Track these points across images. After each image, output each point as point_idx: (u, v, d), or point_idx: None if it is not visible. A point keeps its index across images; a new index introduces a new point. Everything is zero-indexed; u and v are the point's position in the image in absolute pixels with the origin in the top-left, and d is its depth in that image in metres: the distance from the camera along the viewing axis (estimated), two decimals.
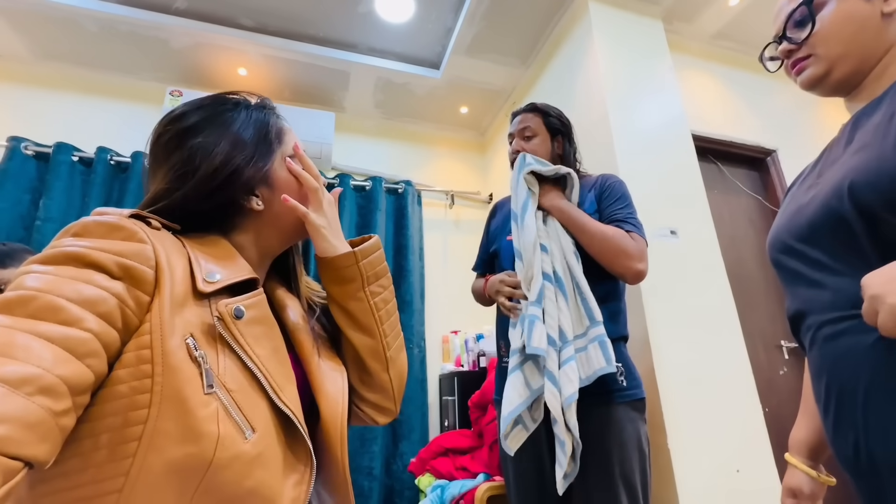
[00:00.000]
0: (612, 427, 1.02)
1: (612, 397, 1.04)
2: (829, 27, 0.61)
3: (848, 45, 0.60)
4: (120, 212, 0.46)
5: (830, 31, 0.61)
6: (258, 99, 0.61)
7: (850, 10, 0.60)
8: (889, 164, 0.49)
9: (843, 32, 0.61)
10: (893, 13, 0.59)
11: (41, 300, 0.37)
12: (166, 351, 0.41)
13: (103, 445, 0.38)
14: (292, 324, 0.59)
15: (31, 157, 2.00)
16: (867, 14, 0.59)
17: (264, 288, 0.62)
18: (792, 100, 2.53)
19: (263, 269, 0.61)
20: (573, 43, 2.03)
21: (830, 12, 0.61)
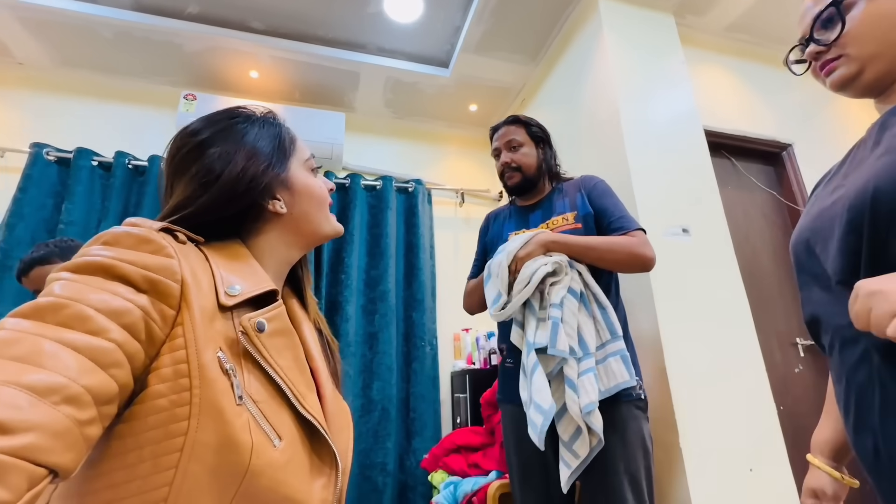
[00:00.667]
0: (617, 425, 1.04)
1: (616, 396, 1.05)
2: (861, 26, 0.59)
3: (880, 43, 0.59)
4: (151, 224, 0.48)
5: (862, 31, 0.59)
6: (265, 111, 0.64)
7: (882, 8, 0.58)
8: None
9: (875, 31, 0.59)
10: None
11: (71, 309, 0.38)
12: (202, 364, 0.43)
13: (147, 457, 0.40)
14: (307, 340, 0.61)
15: (53, 162, 2.06)
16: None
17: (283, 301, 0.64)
18: (808, 93, 2.47)
19: (281, 278, 0.63)
20: (583, 39, 2.02)
21: (861, 11, 0.59)
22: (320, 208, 0.64)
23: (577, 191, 1.29)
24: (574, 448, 0.98)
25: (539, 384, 1.00)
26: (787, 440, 1.48)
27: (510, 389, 1.18)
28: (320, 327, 0.67)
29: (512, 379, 1.18)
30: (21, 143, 2.05)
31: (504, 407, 1.24)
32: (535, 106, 2.48)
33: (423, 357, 2.27)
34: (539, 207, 1.34)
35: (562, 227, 1.23)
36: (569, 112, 2.12)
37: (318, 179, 0.66)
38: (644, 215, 1.59)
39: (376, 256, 2.38)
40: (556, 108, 2.26)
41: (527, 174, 1.33)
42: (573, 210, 1.25)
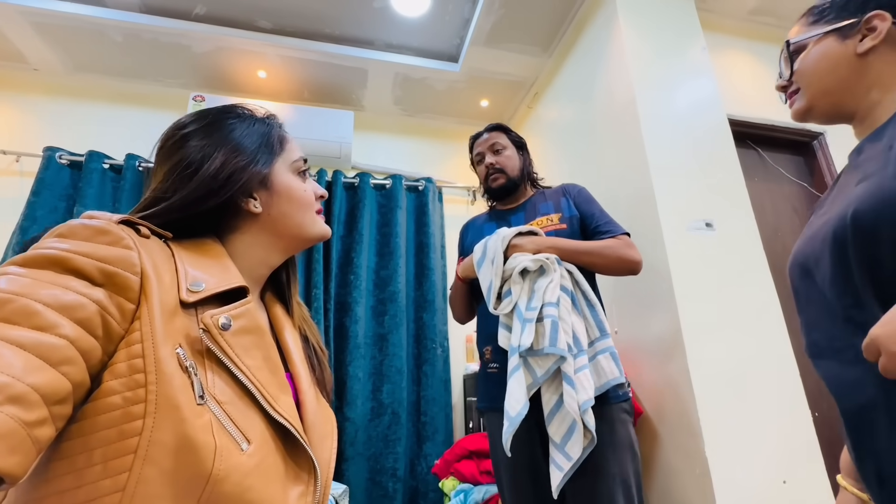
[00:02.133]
0: (605, 428, 1.02)
1: (605, 398, 1.04)
2: (807, 66, 0.68)
3: (824, 81, 0.67)
4: (109, 216, 0.45)
5: (807, 70, 0.68)
6: (264, 112, 0.63)
7: (824, 50, 0.66)
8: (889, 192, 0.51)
9: (818, 71, 0.67)
10: (868, 52, 0.63)
11: (15, 304, 0.35)
12: (159, 359, 0.40)
13: (98, 461, 0.37)
14: (287, 345, 0.58)
15: (66, 165, 2.08)
16: (840, 53, 0.65)
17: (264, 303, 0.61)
18: None
19: (259, 280, 0.60)
20: (597, 27, 1.93)
21: (808, 53, 0.68)
22: (301, 210, 0.61)
23: (560, 195, 1.31)
24: (566, 450, 0.95)
25: (512, 388, 0.98)
26: (824, 450, 1.37)
27: (496, 396, 1.14)
28: (306, 334, 0.64)
29: (497, 385, 1.14)
30: (36, 147, 2.08)
31: (490, 415, 1.19)
32: (549, 99, 2.40)
33: (434, 360, 2.22)
34: (521, 210, 1.34)
35: (547, 227, 1.23)
36: (584, 104, 2.03)
37: (307, 183, 0.63)
38: (664, 210, 1.50)
39: (386, 256, 2.33)
40: (570, 100, 2.18)
41: (511, 176, 1.34)
42: (558, 212, 1.27)
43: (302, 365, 0.58)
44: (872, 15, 0.63)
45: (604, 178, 1.81)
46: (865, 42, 0.63)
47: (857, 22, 0.64)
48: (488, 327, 1.20)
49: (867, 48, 0.63)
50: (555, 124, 2.31)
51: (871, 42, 0.62)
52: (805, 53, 0.68)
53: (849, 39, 0.64)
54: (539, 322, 1.00)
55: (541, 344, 0.98)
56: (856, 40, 0.64)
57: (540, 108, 2.49)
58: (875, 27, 0.62)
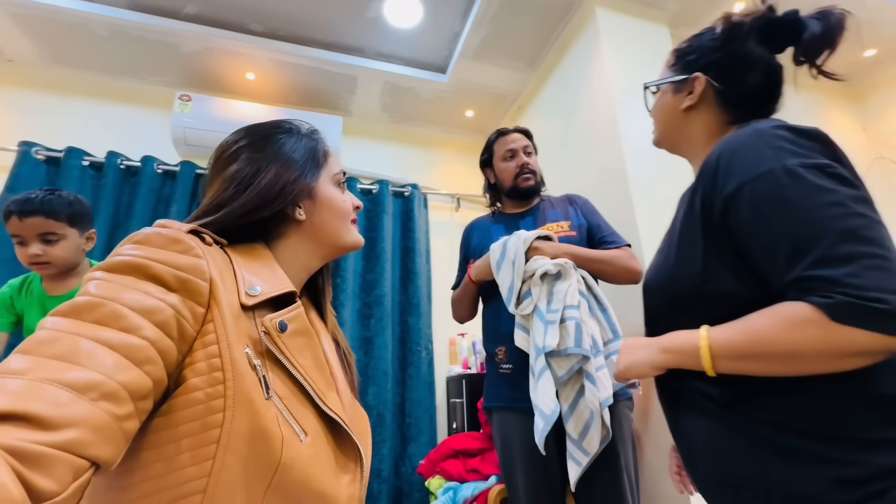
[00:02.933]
0: (614, 423, 1.08)
1: (615, 396, 1.10)
2: (654, 110, 0.80)
3: (663, 127, 0.78)
4: (180, 226, 0.50)
5: (654, 113, 0.80)
6: (309, 127, 0.68)
7: (663, 100, 0.76)
8: (667, 269, 0.66)
9: (659, 117, 0.78)
10: (690, 109, 0.71)
11: (106, 308, 0.39)
12: (234, 358, 0.44)
13: (185, 449, 0.41)
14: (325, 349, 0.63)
15: (42, 161, 2.01)
16: (672, 106, 0.74)
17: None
18: (799, 104, 2.54)
19: (300, 284, 0.65)
20: (580, 47, 2.05)
21: (657, 97, 0.79)
22: (340, 220, 0.66)
23: (567, 204, 1.37)
24: (584, 445, 1.00)
25: (544, 388, 1.01)
26: None
27: (510, 396, 1.18)
28: (337, 339, 0.69)
29: (510, 385, 1.18)
30: (10, 141, 2.00)
31: (504, 414, 1.21)
32: (532, 113, 2.50)
33: (418, 362, 2.26)
34: (530, 215, 1.38)
35: (558, 233, 1.28)
36: (566, 119, 2.14)
37: (345, 195, 0.68)
38: (643, 222, 1.61)
39: (372, 260, 2.37)
40: (552, 114, 2.28)
41: (537, 179, 1.40)
42: (567, 220, 1.32)
43: (338, 367, 0.63)
44: (693, 77, 0.70)
45: (585, 193, 1.91)
46: (686, 100, 0.71)
47: (686, 79, 0.71)
48: (501, 328, 1.23)
49: (686, 106, 0.71)
50: (537, 137, 2.38)
51: (689, 102, 0.70)
52: (656, 97, 0.79)
53: (679, 94, 0.72)
54: (562, 324, 1.05)
55: (565, 344, 1.02)
56: (682, 96, 0.72)
57: (523, 121, 2.60)
58: (692, 88, 0.70)
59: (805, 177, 0.51)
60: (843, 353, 0.47)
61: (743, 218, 0.54)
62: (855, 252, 0.47)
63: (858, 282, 0.45)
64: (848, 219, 0.48)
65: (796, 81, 0.68)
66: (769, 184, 0.53)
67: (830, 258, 0.47)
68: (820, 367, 0.49)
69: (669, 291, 0.65)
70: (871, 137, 2.65)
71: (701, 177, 0.62)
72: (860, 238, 0.47)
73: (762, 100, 0.69)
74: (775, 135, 0.56)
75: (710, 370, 0.55)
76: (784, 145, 0.54)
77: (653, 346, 0.63)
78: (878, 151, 2.58)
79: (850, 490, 0.46)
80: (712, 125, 0.70)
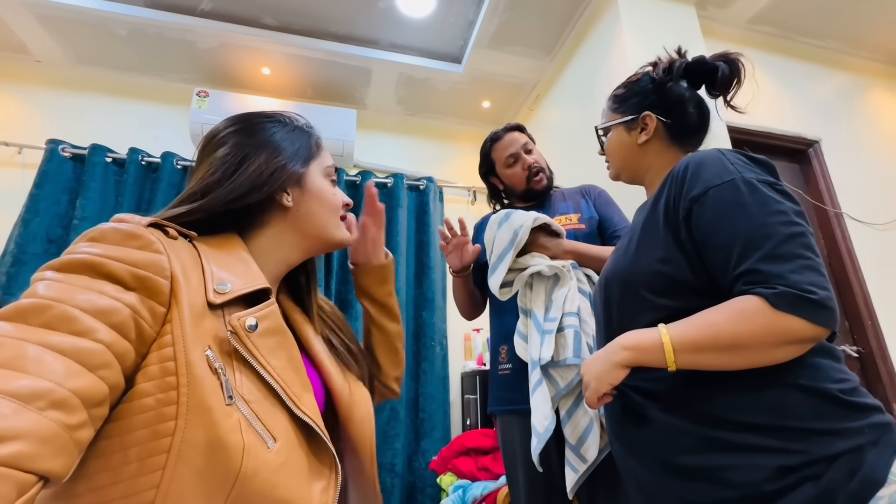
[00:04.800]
0: None
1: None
2: (609, 148, 0.89)
3: (620, 161, 0.87)
4: (139, 220, 0.47)
5: (609, 151, 0.89)
6: (304, 122, 0.67)
7: (618, 138, 0.86)
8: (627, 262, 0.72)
9: (615, 153, 0.87)
10: (646, 143, 0.82)
11: (55, 310, 0.37)
12: (190, 362, 0.41)
13: (133, 459, 0.38)
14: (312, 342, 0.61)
15: (69, 158, 2.08)
16: (628, 143, 0.84)
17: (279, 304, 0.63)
18: (838, 87, 2.37)
19: (276, 278, 0.62)
20: (600, 32, 1.96)
21: (609, 137, 0.88)
22: (328, 212, 0.63)
23: (580, 196, 1.29)
24: (581, 452, 0.94)
25: (538, 403, 0.96)
26: None
27: (507, 398, 1.14)
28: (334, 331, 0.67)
29: (507, 387, 1.14)
30: (38, 139, 2.08)
31: (503, 418, 1.17)
32: (550, 102, 2.42)
33: (433, 357, 2.24)
34: (539, 208, 1.31)
35: (566, 226, 1.21)
36: (585, 108, 2.06)
37: (336, 190, 0.66)
38: None
39: None
40: (572, 103, 2.20)
41: (548, 175, 1.32)
42: (577, 212, 1.24)
43: (329, 360, 0.60)
44: (645, 115, 0.81)
45: (604, 183, 1.83)
46: (642, 136, 0.81)
47: (636, 118, 0.82)
48: (504, 326, 1.17)
49: (643, 141, 0.81)
50: (556, 127, 2.33)
51: (645, 137, 0.81)
52: (608, 137, 0.88)
53: (633, 131, 0.83)
54: (559, 332, 0.98)
55: (562, 355, 0.96)
56: (636, 133, 0.82)
57: (541, 110, 2.52)
58: (647, 125, 0.81)
59: (760, 188, 0.61)
60: (783, 340, 0.54)
61: (706, 217, 0.62)
62: (795, 254, 0.55)
63: (797, 277, 0.53)
64: (791, 226, 0.57)
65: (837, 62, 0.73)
66: (731, 190, 0.61)
67: (775, 256, 0.56)
68: (765, 355, 0.55)
69: (630, 282, 0.70)
70: None
71: (666, 184, 0.70)
72: (800, 244, 0.56)
73: (698, 129, 0.83)
74: (735, 155, 0.67)
75: (671, 365, 0.59)
76: (743, 163, 0.65)
77: (611, 349, 0.66)
78: None
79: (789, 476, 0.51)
80: (666, 154, 0.81)
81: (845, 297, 1.99)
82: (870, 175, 2.24)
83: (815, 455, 0.51)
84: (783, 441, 0.53)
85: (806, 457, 0.51)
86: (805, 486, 0.50)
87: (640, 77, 0.85)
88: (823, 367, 0.57)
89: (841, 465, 0.50)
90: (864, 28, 2.28)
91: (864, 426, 0.52)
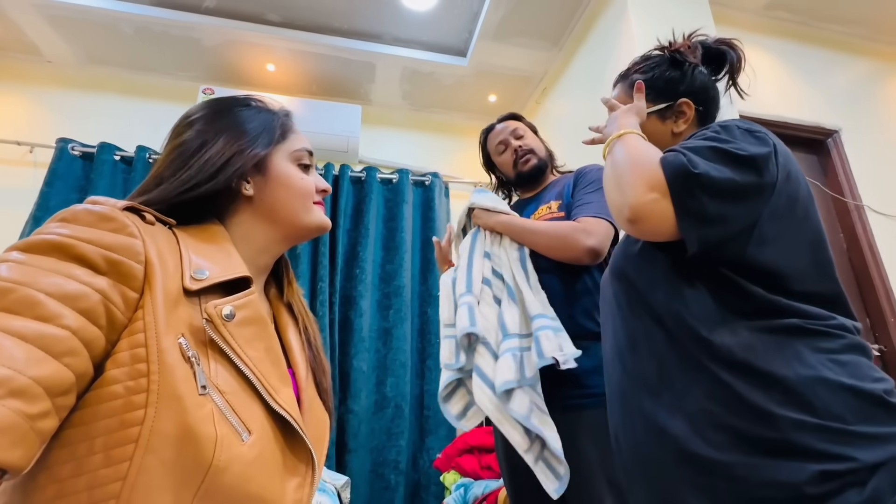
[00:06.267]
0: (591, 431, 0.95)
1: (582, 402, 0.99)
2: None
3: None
4: (114, 202, 0.45)
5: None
6: (279, 106, 0.64)
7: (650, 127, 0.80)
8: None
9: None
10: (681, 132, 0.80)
11: (17, 293, 0.35)
12: (161, 349, 0.40)
13: (98, 449, 0.37)
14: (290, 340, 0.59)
15: (78, 157, 2.11)
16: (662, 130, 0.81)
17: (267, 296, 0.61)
18: (858, 74, 2.27)
19: (262, 270, 0.60)
20: (607, 21, 1.91)
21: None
22: (297, 198, 0.59)
23: (568, 179, 1.25)
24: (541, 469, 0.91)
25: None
26: None
27: None
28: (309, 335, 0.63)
29: None
30: (49, 138, 2.11)
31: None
32: (558, 95, 2.37)
33: (438, 354, 2.21)
34: (535, 200, 1.29)
35: (545, 216, 1.18)
36: (594, 100, 2.01)
37: (308, 175, 0.62)
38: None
39: (391, 251, 2.34)
40: (580, 96, 2.16)
41: (540, 156, 1.29)
42: (559, 199, 1.20)
43: (303, 362, 0.58)
44: (682, 102, 0.79)
45: None
46: (680, 124, 0.80)
47: (671, 105, 0.80)
48: None
49: (681, 130, 0.79)
50: (564, 120, 2.29)
51: (684, 125, 0.80)
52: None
53: (668, 120, 0.81)
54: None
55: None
56: (672, 121, 0.80)
57: (549, 103, 2.47)
58: (685, 112, 0.79)
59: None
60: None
61: None
62: None
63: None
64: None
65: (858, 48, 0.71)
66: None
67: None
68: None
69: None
70: None
71: None
72: None
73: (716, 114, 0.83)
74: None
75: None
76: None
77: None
78: None
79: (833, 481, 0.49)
80: None
81: (867, 294, 1.91)
82: (893, 165, 2.14)
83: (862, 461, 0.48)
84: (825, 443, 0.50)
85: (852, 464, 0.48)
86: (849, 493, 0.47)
87: (659, 61, 0.82)
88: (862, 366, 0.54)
89: (886, 473, 0.47)
90: (886, 11, 2.18)
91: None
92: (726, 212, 0.58)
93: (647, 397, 0.63)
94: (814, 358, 0.54)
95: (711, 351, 0.58)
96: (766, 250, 0.59)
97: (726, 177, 0.57)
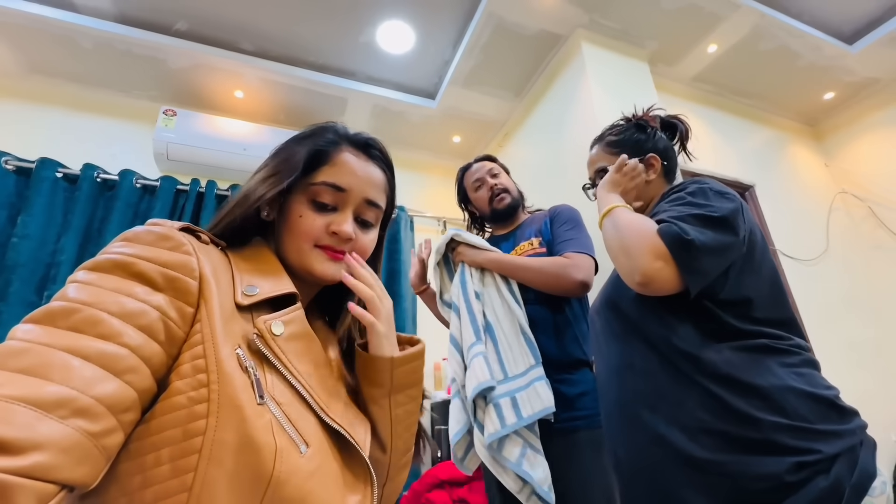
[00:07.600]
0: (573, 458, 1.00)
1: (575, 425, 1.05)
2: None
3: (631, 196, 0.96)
4: (172, 223, 0.47)
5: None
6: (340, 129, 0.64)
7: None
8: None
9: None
10: (650, 181, 0.95)
11: (82, 314, 0.36)
12: (220, 359, 0.41)
13: (165, 460, 0.37)
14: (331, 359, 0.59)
15: (12, 171, 1.91)
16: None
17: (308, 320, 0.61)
18: (764, 139, 2.70)
19: (311, 288, 0.61)
20: (566, 79, 2.13)
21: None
22: (294, 240, 0.55)
23: (545, 217, 1.32)
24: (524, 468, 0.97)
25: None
26: None
27: None
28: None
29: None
30: None
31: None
32: (518, 139, 2.56)
33: None
34: (511, 237, 1.36)
35: (528, 251, 1.25)
36: (551, 146, 2.20)
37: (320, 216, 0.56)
38: None
39: None
40: (538, 142, 2.34)
41: (513, 195, 1.39)
42: (539, 235, 1.27)
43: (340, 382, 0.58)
44: (651, 156, 0.96)
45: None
46: (650, 174, 0.95)
47: (643, 159, 0.96)
48: None
49: (651, 178, 0.95)
50: (524, 164, 2.46)
51: (653, 174, 0.95)
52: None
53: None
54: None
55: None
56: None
57: (510, 147, 2.65)
58: (653, 164, 0.96)
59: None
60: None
61: None
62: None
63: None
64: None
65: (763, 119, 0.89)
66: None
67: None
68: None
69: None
70: (832, 173, 2.83)
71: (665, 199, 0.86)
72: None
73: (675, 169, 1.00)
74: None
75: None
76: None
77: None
78: (840, 186, 2.75)
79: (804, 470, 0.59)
80: (660, 188, 0.96)
81: None
82: (797, 216, 2.53)
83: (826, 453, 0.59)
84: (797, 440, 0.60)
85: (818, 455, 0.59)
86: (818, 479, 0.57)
87: (627, 126, 1.03)
88: (816, 377, 0.67)
89: (843, 461, 0.58)
90: (780, 91, 2.65)
91: (855, 428, 0.62)
92: (714, 263, 0.70)
93: (645, 410, 0.72)
94: (782, 371, 0.66)
95: (700, 367, 0.69)
96: (737, 286, 0.72)
97: (710, 238, 0.70)
